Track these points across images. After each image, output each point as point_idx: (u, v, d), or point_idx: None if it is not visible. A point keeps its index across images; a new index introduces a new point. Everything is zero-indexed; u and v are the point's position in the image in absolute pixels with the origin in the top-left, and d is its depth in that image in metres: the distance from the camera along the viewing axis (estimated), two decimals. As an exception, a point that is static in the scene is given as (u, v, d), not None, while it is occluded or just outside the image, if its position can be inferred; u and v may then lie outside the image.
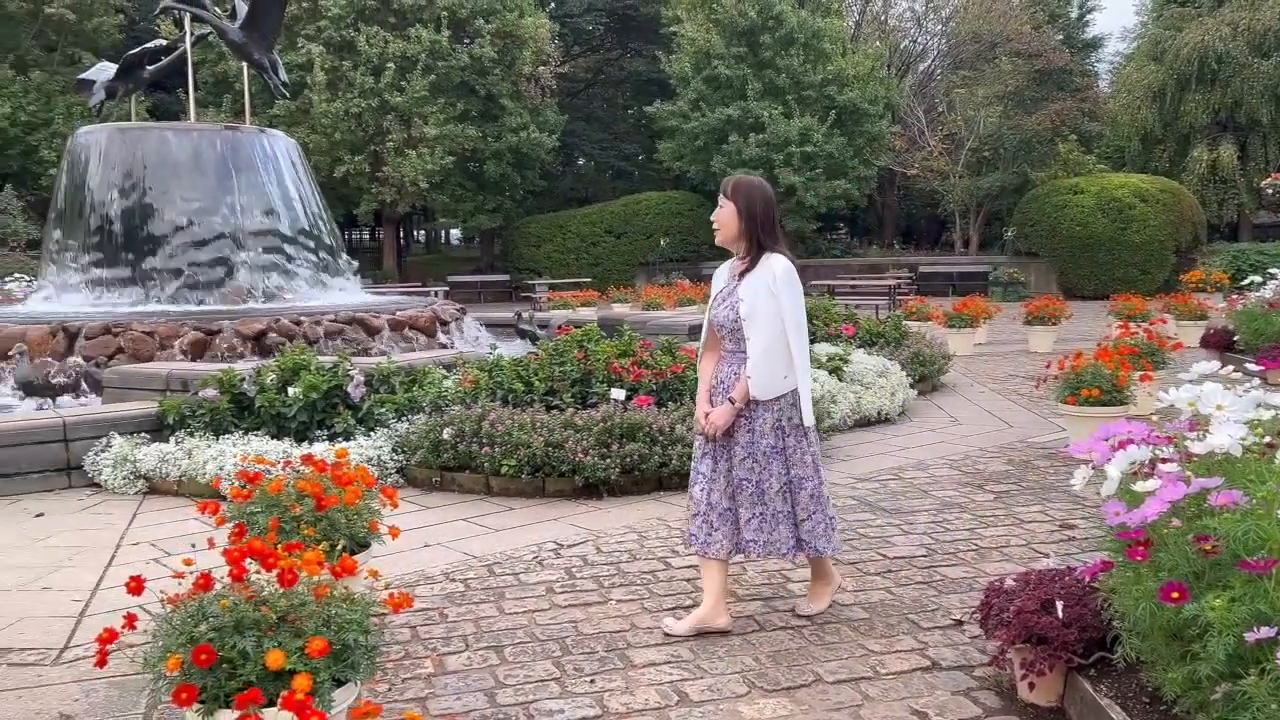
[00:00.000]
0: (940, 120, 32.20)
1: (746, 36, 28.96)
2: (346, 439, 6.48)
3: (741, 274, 3.85)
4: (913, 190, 34.62)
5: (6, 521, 5.76)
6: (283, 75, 12.58)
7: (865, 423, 8.20)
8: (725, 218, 3.86)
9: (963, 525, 5.35)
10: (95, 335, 9.03)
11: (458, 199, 30.10)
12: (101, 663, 2.52)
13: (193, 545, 3.57)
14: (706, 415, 3.85)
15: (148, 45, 13.08)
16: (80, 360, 8.85)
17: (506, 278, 30.97)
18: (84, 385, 8.63)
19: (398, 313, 10.63)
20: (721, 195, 3.89)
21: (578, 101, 37.90)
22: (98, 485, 6.50)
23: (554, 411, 6.34)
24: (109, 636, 2.49)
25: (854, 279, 24.52)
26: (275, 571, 2.58)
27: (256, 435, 6.51)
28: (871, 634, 3.85)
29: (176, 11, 12.59)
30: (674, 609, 4.13)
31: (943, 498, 5.94)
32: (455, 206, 30.54)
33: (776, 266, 3.76)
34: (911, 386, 9.08)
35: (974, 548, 4.94)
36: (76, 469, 6.58)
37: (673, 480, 6.06)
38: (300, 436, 6.51)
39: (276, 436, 6.51)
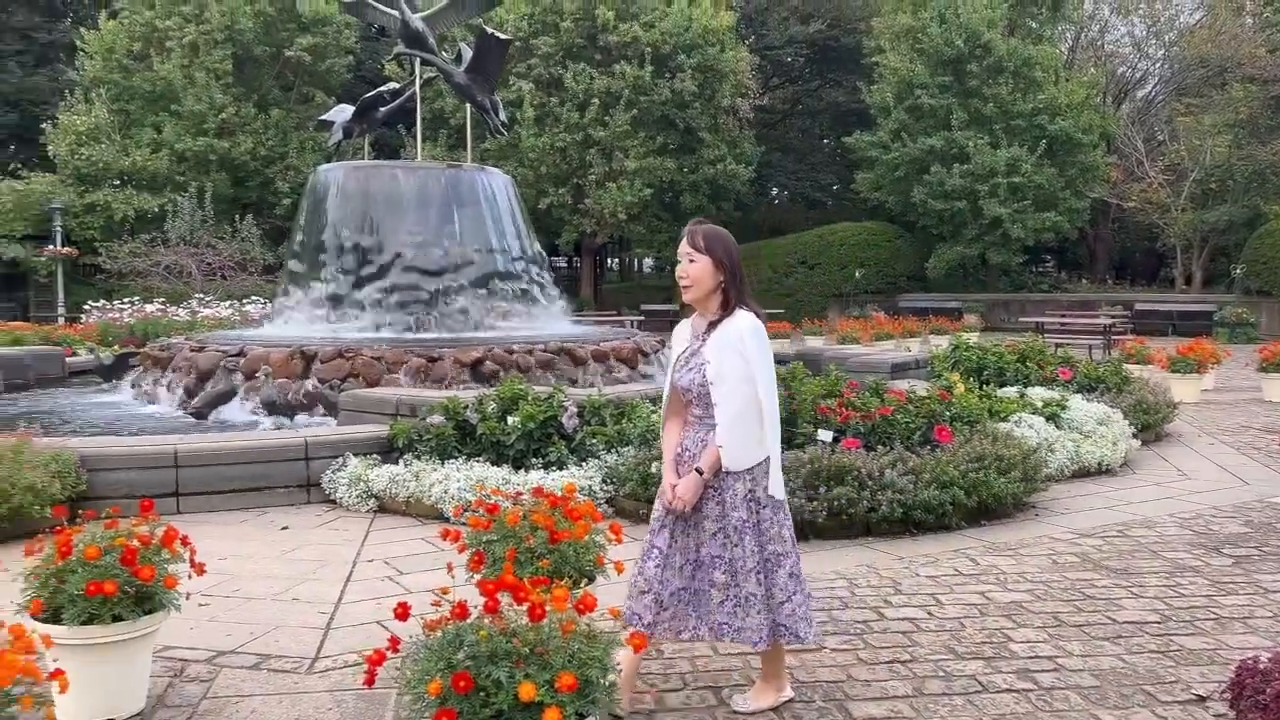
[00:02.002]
0: (1161, 150, 30.52)
1: (952, 65, 28.36)
2: (560, 468, 6.73)
3: (706, 333, 3.57)
4: (1128, 223, 32.88)
5: (258, 533, 6.27)
6: (503, 115, 13.25)
7: (1084, 473, 7.84)
8: (699, 273, 3.51)
9: (1198, 591, 5.03)
10: (329, 359, 9.71)
11: (653, 230, 30.76)
12: (370, 682, 2.73)
13: (445, 573, 3.80)
14: (673, 487, 3.53)
15: (381, 89, 14.10)
16: (316, 382, 9.54)
17: (699, 307, 31.25)
18: (319, 406, 9.33)
19: (602, 343, 10.95)
20: (690, 247, 3.54)
21: (774, 132, 38.05)
22: (333, 502, 6.97)
23: (760, 450, 6.37)
24: (378, 658, 2.70)
25: (1063, 316, 23.41)
26: (526, 605, 2.73)
27: (478, 461, 6.83)
28: (1104, 704, 3.69)
29: (407, 57, 13.46)
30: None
31: (1174, 559, 5.61)
32: (651, 237, 31.22)
33: (744, 324, 3.46)
34: (1134, 436, 8.62)
35: (1213, 616, 4.65)
36: (314, 486, 7.08)
37: (881, 526, 5.99)
38: (517, 464, 6.80)
39: (496, 463, 6.81)
